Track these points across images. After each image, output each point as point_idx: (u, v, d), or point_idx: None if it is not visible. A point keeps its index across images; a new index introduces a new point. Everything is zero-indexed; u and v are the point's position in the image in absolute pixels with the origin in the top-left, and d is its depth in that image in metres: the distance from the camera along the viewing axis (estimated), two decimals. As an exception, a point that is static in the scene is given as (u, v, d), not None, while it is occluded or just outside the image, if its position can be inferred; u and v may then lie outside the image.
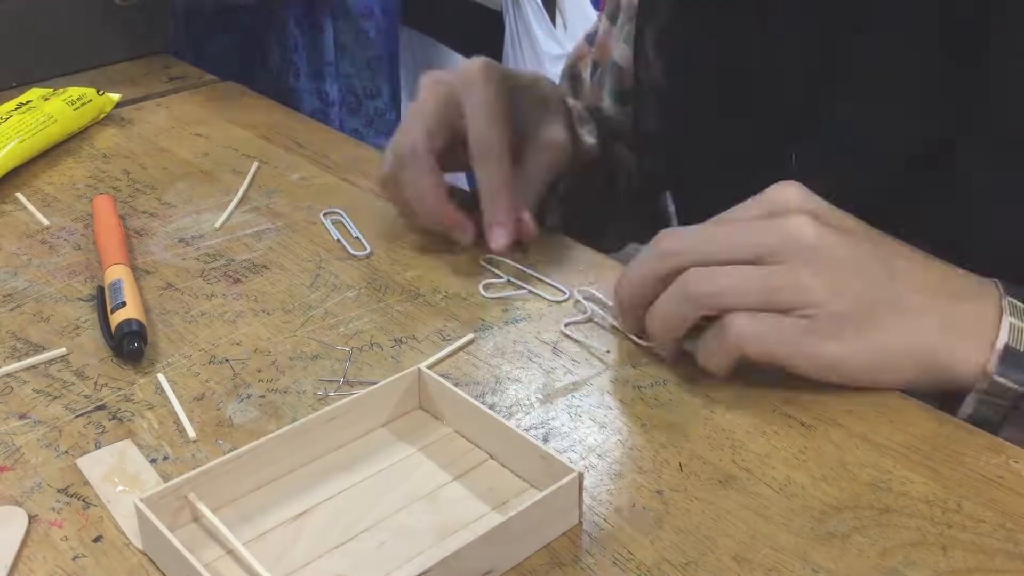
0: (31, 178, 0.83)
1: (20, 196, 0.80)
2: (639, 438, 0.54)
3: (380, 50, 1.50)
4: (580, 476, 0.48)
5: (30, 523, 0.49)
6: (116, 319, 0.61)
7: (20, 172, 0.83)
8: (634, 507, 0.50)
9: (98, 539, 0.48)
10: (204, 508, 0.48)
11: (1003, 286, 0.56)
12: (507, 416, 0.56)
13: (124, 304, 0.62)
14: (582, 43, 0.94)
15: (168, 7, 1.12)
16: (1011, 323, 0.54)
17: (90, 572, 0.47)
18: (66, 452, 0.54)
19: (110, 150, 0.88)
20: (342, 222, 0.75)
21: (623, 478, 0.52)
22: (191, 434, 0.54)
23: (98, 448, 0.54)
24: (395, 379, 0.54)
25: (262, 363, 0.60)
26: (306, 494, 0.50)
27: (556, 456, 0.49)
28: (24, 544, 0.48)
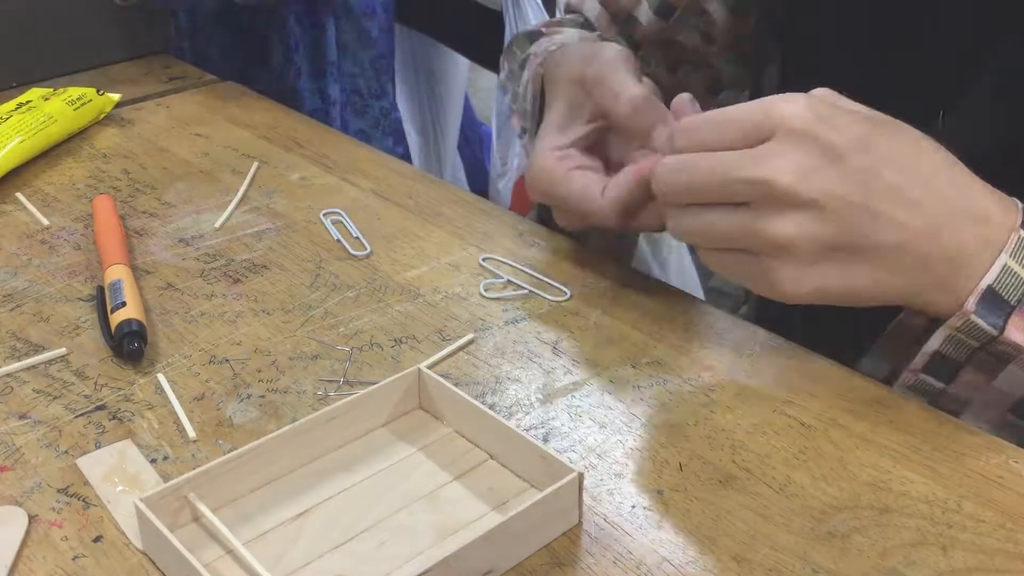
0: (31, 178, 0.83)
1: (20, 196, 0.80)
2: (639, 438, 0.54)
3: (383, 49, 1.50)
4: (580, 476, 0.48)
5: (30, 523, 0.49)
6: (116, 319, 0.61)
7: (20, 172, 0.83)
8: (634, 507, 0.50)
9: (98, 539, 0.48)
10: (204, 508, 0.48)
11: None
12: (507, 416, 0.56)
13: (124, 304, 0.62)
14: None
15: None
16: (1005, 263, 0.51)
17: (90, 572, 0.47)
18: (66, 452, 0.54)
19: (110, 150, 0.88)
20: (342, 222, 0.75)
21: (623, 478, 0.52)
22: (191, 434, 0.54)
23: (98, 448, 0.54)
24: (395, 379, 0.54)
25: (262, 363, 0.60)
26: (306, 494, 0.50)
27: (556, 456, 0.49)
28: (24, 544, 0.48)
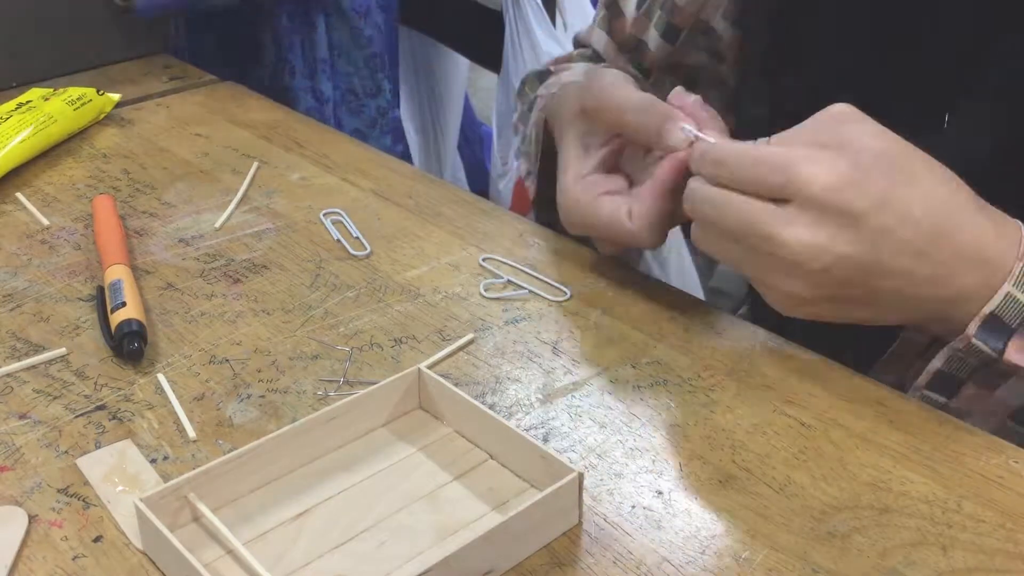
0: (31, 178, 0.83)
1: (20, 196, 0.80)
2: (639, 438, 0.54)
3: (379, 47, 1.50)
4: (580, 476, 0.48)
5: (30, 523, 0.49)
6: (116, 319, 0.61)
7: (20, 172, 0.83)
8: (634, 507, 0.50)
9: (98, 539, 0.48)
10: (204, 508, 0.48)
11: None
12: (507, 416, 0.56)
13: (124, 304, 0.62)
14: None
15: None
16: (1007, 292, 0.52)
17: (90, 572, 0.47)
18: (66, 452, 0.54)
19: (110, 150, 0.88)
20: (342, 222, 0.75)
21: (623, 478, 0.52)
22: (191, 434, 0.54)
23: (98, 448, 0.54)
24: (395, 379, 0.54)
25: (262, 363, 0.60)
26: (306, 494, 0.50)
27: (556, 456, 0.49)
28: (24, 544, 0.48)
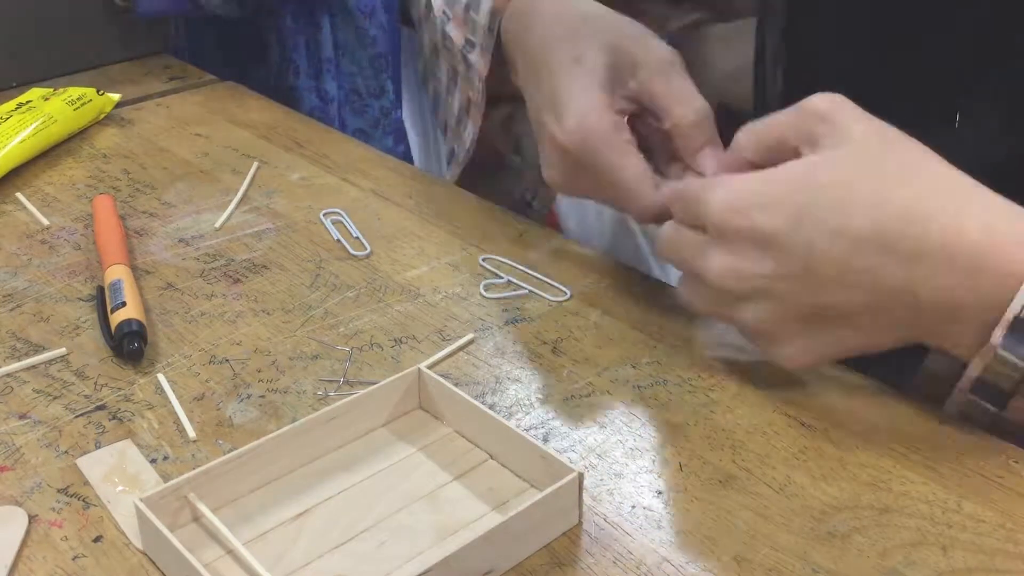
0: (31, 178, 0.83)
1: (20, 196, 0.80)
2: (639, 438, 0.54)
3: (383, 48, 1.50)
4: (580, 476, 0.48)
5: (30, 523, 0.49)
6: (116, 319, 0.61)
7: (20, 172, 0.83)
8: (634, 507, 0.50)
9: (98, 539, 0.48)
10: (204, 508, 0.48)
11: None
12: (507, 416, 0.56)
13: (124, 304, 0.62)
14: None
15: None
16: None
17: (90, 572, 0.47)
18: (66, 452, 0.54)
19: (110, 150, 0.88)
20: (342, 222, 0.75)
21: (623, 478, 0.52)
22: (191, 434, 0.54)
23: (98, 448, 0.54)
24: (395, 379, 0.54)
25: (262, 363, 0.60)
26: (306, 494, 0.50)
27: (556, 456, 0.49)
28: (24, 544, 0.48)
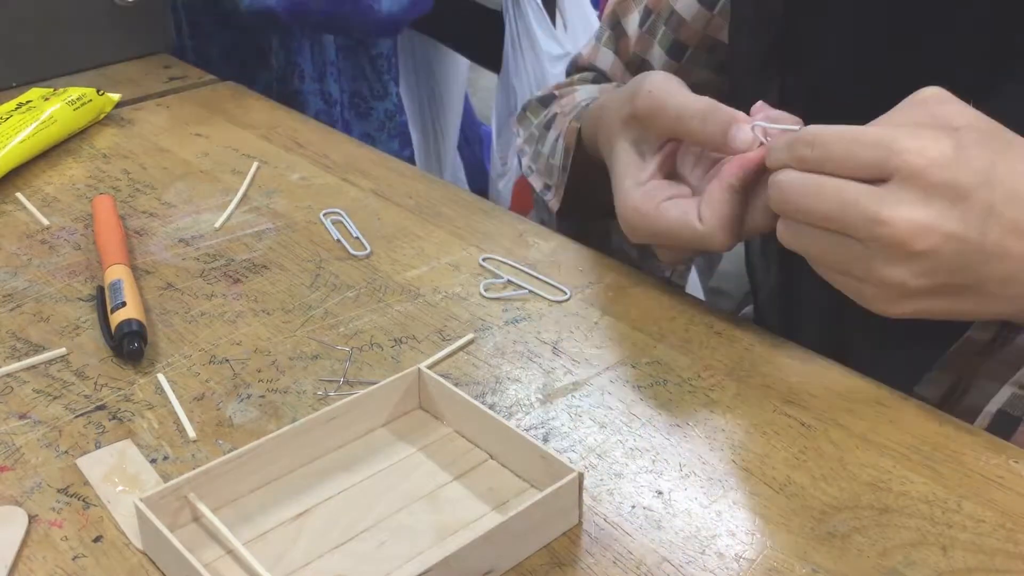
0: (31, 178, 0.83)
1: (20, 196, 0.80)
2: (639, 438, 0.54)
3: (384, 48, 1.50)
4: (580, 476, 0.48)
5: (30, 523, 0.49)
6: (116, 319, 0.61)
7: (20, 172, 0.83)
8: (634, 507, 0.50)
9: (98, 539, 0.48)
10: (204, 508, 0.48)
11: None
12: (507, 416, 0.56)
13: (124, 304, 0.62)
14: None
15: (168, 7, 1.12)
16: None
17: (90, 572, 0.47)
18: (66, 452, 0.54)
19: (110, 150, 0.88)
20: (342, 222, 0.75)
21: (623, 478, 0.52)
22: (191, 434, 0.54)
23: (98, 448, 0.54)
24: (395, 379, 0.54)
25: (262, 363, 0.60)
26: (306, 494, 0.50)
27: (556, 456, 0.49)
28: (24, 544, 0.48)
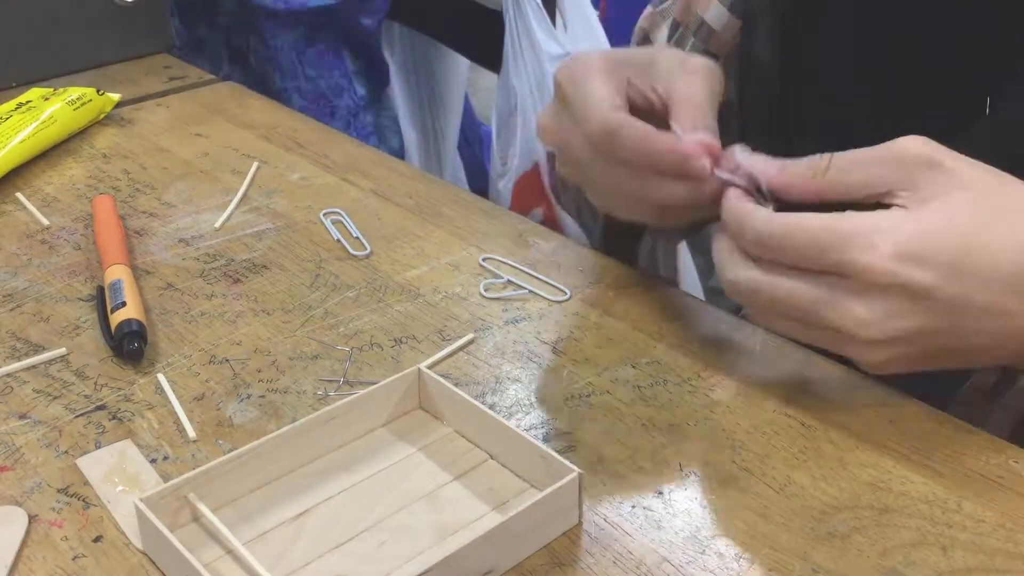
0: (31, 178, 0.83)
1: (20, 196, 0.80)
2: (639, 438, 0.54)
3: (329, 43, 1.48)
4: (580, 476, 0.48)
5: (30, 523, 0.49)
6: (116, 319, 0.61)
7: (20, 172, 0.83)
8: (634, 507, 0.50)
9: (98, 539, 0.48)
10: (204, 508, 0.48)
11: None
12: (507, 416, 0.56)
13: (124, 304, 0.62)
14: (649, 9, 0.85)
15: (168, 7, 1.12)
16: None
17: (90, 572, 0.47)
18: (66, 452, 0.54)
19: (110, 150, 0.88)
20: (342, 222, 0.75)
21: (623, 478, 0.51)
22: (191, 434, 0.54)
23: (98, 448, 0.54)
24: (395, 379, 0.54)
25: (262, 363, 0.60)
26: (306, 494, 0.50)
27: (556, 456, 0.49)
28: (24, 544, 0.48)
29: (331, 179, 0.82)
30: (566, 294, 0.66)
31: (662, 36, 0.83)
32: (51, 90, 0.92)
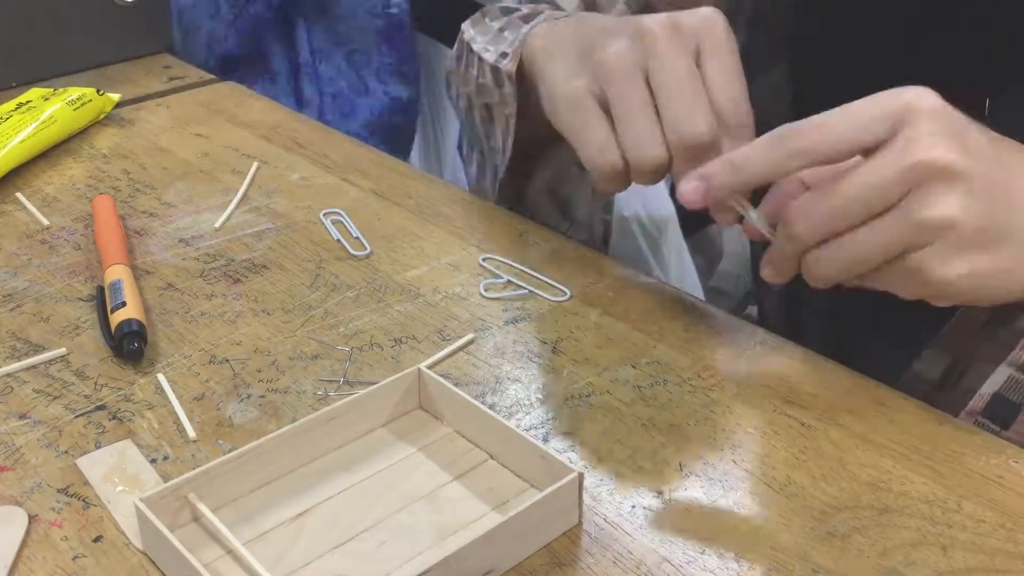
0: (31, 178, 0.83)
1: (20, 196, 0.80)
2: (639, 438, 0.54)
3: (359, 43, 1.48)
4: (580, 476, 0.48)
5: (30, 523, 0.49)
6: (116, 319, 0.61)
7: (20, 172, 0.83)
8: (634, 507, 0.50)
9: (98, 539, 0.48)
10: (204, 508, 0.48)
11: None
12: (507, 416, 0.56)
13: (124, 304, 0.62)
14: None
15: (168, 7, 1.12)
16: None
17: (90, 572, 0.47)
18: (66, 452, 0.54)
19: (110, 150, 0.88)
20: (342, 222, 0.75)
21: (623, 478, 0.52)
22: (191, 434, 0.54)
23: (98, 448, 0.54)
24: (395, 379, 0.54)
25: (262, 363, 0.60)
26: (306, 494, 0.50)
27: (556, 456, 0.49)
28: (24, 544, 0.48)
29: (331, 179, 0.82)
30: (566, 294, 0.66)
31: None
32: (51, 90, 0.92)
